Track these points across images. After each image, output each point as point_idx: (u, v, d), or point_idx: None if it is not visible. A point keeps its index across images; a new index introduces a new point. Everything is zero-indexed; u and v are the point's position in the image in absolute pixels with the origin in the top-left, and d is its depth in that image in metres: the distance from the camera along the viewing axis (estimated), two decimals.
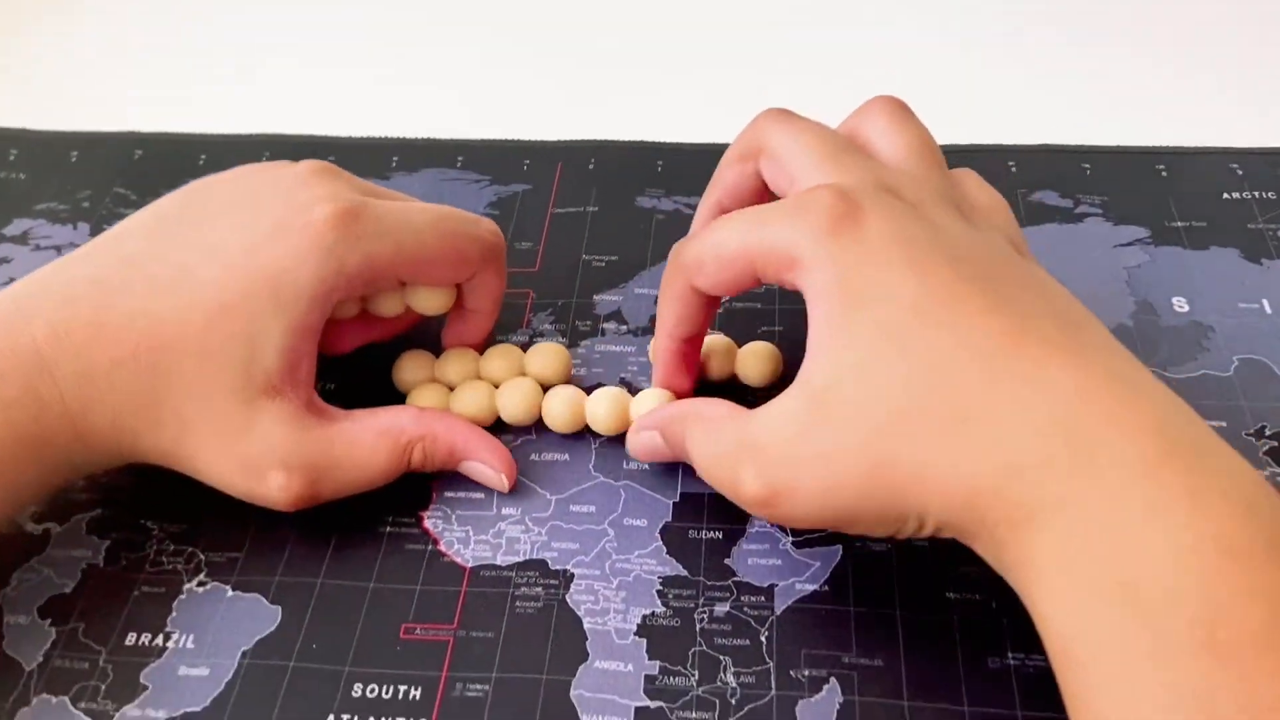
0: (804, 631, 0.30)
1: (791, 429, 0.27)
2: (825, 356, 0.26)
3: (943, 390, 0.25)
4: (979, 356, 0.25)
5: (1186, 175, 0.43)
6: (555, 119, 0.48)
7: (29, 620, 0.31)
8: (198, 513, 0.33)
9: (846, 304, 0.26)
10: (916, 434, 0.25)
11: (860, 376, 0.26)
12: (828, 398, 0.26)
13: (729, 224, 0.30)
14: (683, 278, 0.31)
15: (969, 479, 0.24)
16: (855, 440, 0.25)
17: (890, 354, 0.25)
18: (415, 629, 0.30)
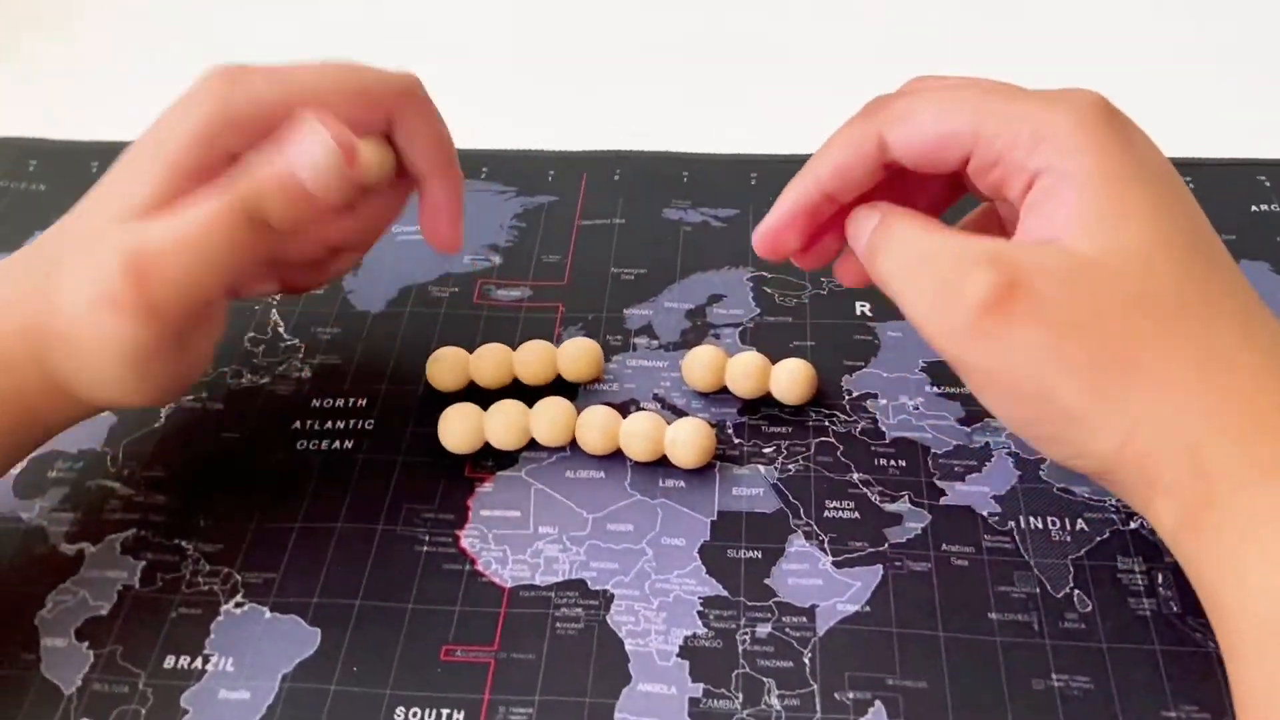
0: (847, 653, 0.30)
1: (1053, 266, 0.25)
2: (1096, 231, 0.25)
3: (1202, 334, 0.24)
4: (1234, 315, 0.25)
5: (1214, 188, 0.43)
6: (579, 130, 0.48)
7: (66, 643, 0.31)
8: (233, 534, 0.33)
9: (1119, 200, 0.25)
10: (1163, 380, 0.24)
11: (1131, 280, 0.24)
12: (1092, 263, 0.25)
13: (956, 89, 0.28)
14: (874, 126, 0.28)
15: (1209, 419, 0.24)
16: (1106, 340, 0.24)
17: (1163, 280, 0.24)
18: (456, 650, 0.30)
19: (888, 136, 0.28)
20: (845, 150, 0.29)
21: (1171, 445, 0.24)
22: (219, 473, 0.35)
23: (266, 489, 0.34)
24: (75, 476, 0.35)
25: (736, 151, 0.46)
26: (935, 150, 0.27)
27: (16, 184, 0.46)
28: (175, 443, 0.36)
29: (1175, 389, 0.24)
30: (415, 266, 0.42)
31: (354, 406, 0.37)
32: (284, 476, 0.35)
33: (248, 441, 0.36)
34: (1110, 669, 0.29)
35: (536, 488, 0.34)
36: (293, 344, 0.39)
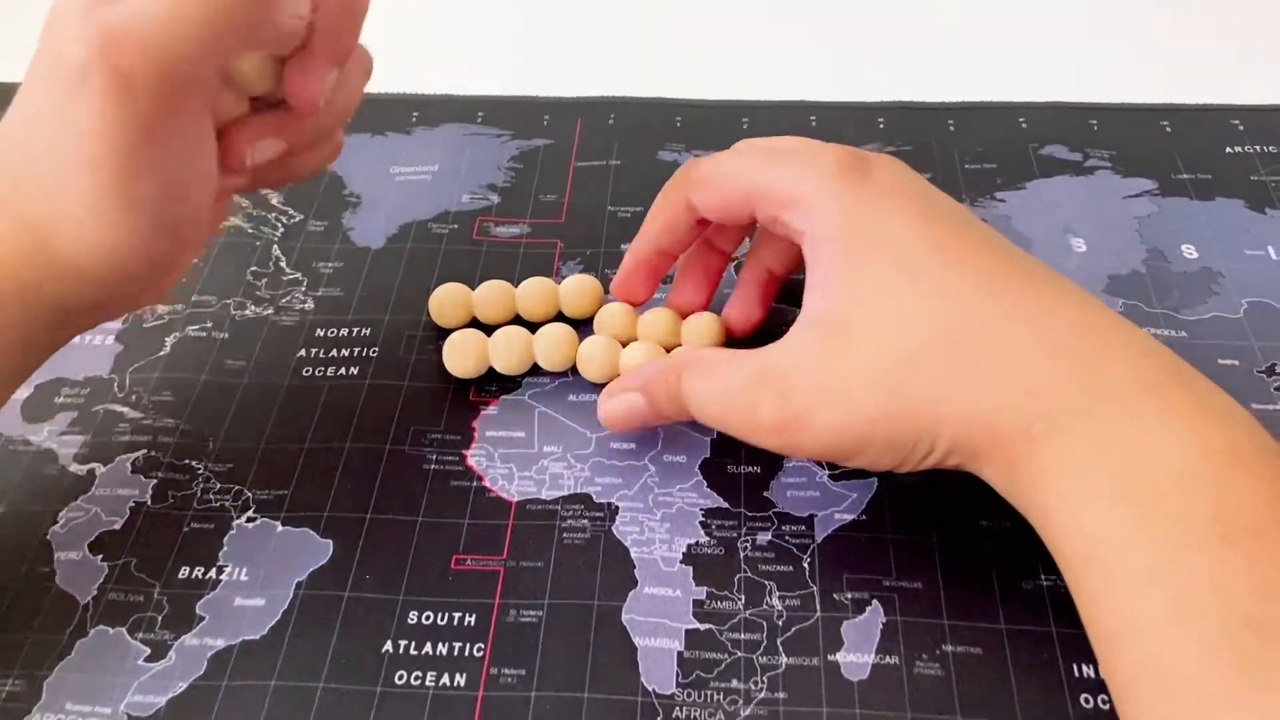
0: (844, 557, 0.31)
1: (812, 358, 0.28)
2: (839, 291, 0.28)
3: (959, 323, 0.26)
4: (988, 293, 0.27)
5: (1191, 131, 0.44)
6: (572, 77, 0.49)
7: (80, 556, 0.31)
8: (242, 454, 0.34)
9: (857, 243, 0.28)
10: (936, 363, 0.26)
11: (878, 309, 0.27)
12: (847, 329, 0.28)
13: (741, 156, 0.32)
14: (682, 191, 0.32)
15: (989, 399, 0.26)
16: (877, 370, 0.27)
17: (905, 288, 0.27)
18: (466, 560, 0.31)
19: (692, 199, 0.32)
20: (664, 212, 0.34)
21: (959, 427, 0.26)
22: (226, 397, 0.36)
23: (274, 412, 0.35)
24: (82, 402, 0.35)
25: (728, 98, 0.47)
26: (726, 210, 0.32)
27: None
28: (181, 369, 0.36)
29: (940, 382, 0.26)
30: (414, 204, 0.42)
31: (357, 336, 0.37)
32: (291, 401, 0.35)
33: (254, 368, 0.36)
34: None
35: (540, 410, 0.35)
36: (295, 277, 0.40)
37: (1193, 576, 0.22)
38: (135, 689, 0.28)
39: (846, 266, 0.28)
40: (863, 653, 0.29)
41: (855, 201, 0.28)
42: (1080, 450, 0.25)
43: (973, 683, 0.28)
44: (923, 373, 0.26)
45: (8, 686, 0.29)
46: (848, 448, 0.28)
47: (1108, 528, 0.24)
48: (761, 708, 0.28)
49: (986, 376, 0.26)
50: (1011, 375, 0.26)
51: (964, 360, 0.26)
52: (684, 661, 0.29)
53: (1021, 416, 0.25)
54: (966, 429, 0.26)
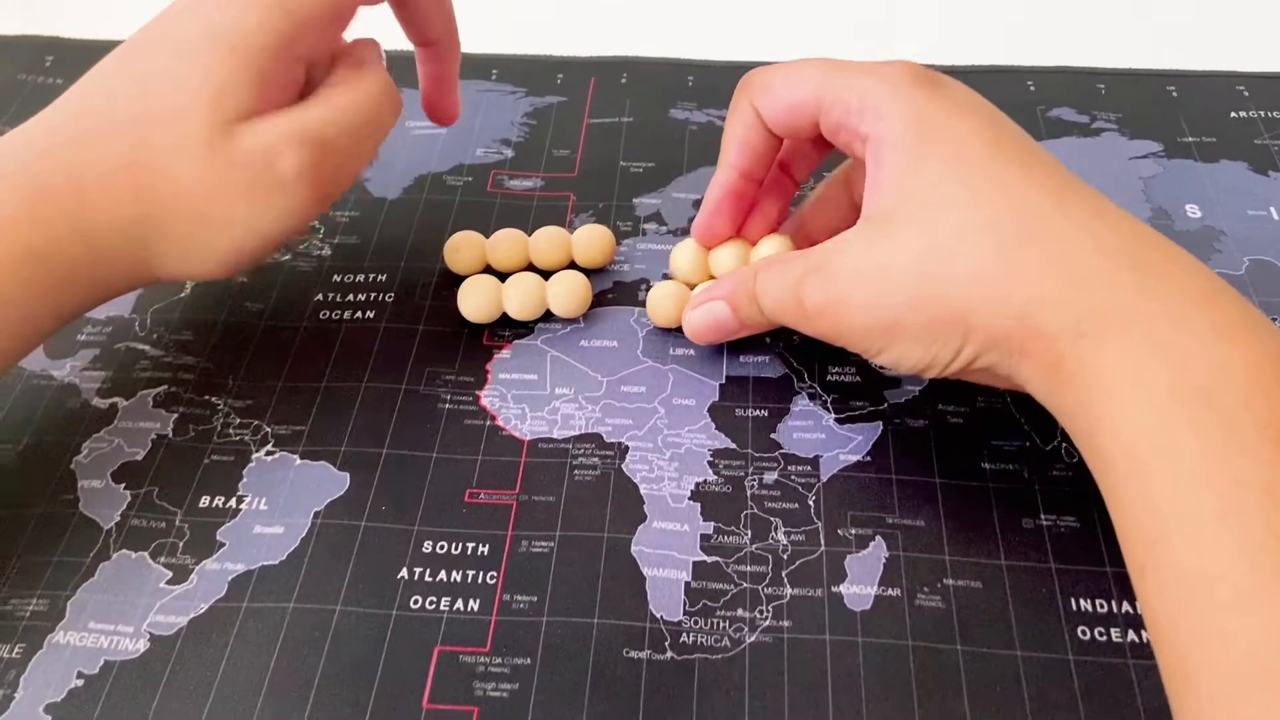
0: (849, 496, 0.32)
1: (856, 247, 0.29)
2: (893, 189, 0.28)
3: (1006, 212, 0.26)
4: (1046, 192, 0.27)
5: (1196, 96, 0.45)
6: (586, 37, 0.49)
7: (103, 484, 0.32)
8: (262, 392, 0.35)
9: (920, 142, 0.28)
10: (975, 249, 0.26)
11: (927, 199, 0.27)
12: (892, 219, 0.28)
13: (806, 64, 0.31)
14: (747, 97, 0.32)
15: (1030, 290, 0.26)
16: (914, 252, 0.27)
17: (957, 181, 0.27)
18: (479, 494, 0.32)
19: (757, 104, 0.32)
20: (735, 128, 0.33)
21: (1005, 318, 0.26)
22: (245, 337, 0.36)
23: (292, 352, 0.36)
24: (104, 340, 0.36)
25: (739, 59, 0.48)
26: (790, 117, 0.32)
27: (34, 78, 0.47)
28: (201, 311, 0.37)
29: (988, 276, 0.26)
30: (429, 157, 0.43)
31: (374, 281, 0.38)
32: (308, 341, 0.36)
33: (272, 311, 0.37)
34: (1096, 512, 0.31)
35: (552, 354, 0.36)
36: (312, 225, 0.40)
37: (1240, 480, 0.22)
38: (157, 609, 0.29)
39: (906, 166, 0.28)
40: (865, 585, 0.29)
41: (924, 106, 0.28)
42: (1132, 351, 0.24)
43: (972, 614, 0.29)
44: (961, 259, 0.26)
45: (31, 605, 0.29)
46: (882, 333, 0.28)
47: (1157, 428, 0.24)
48: (766, 635, 0.29)
49: (1030, 267, 0.26)
50: (1057, 267, 0.26)
51: (1007, 249, 0.26)
52: (691, 591, 0.30)
53: (1067, 313, 0.25)
54: (1003, 321, 0.26)
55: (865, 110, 0.29)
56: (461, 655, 0.28)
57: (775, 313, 0.31)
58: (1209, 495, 0.22)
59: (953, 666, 0.28)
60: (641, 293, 0.38)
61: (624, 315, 0.37)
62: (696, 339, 0.34)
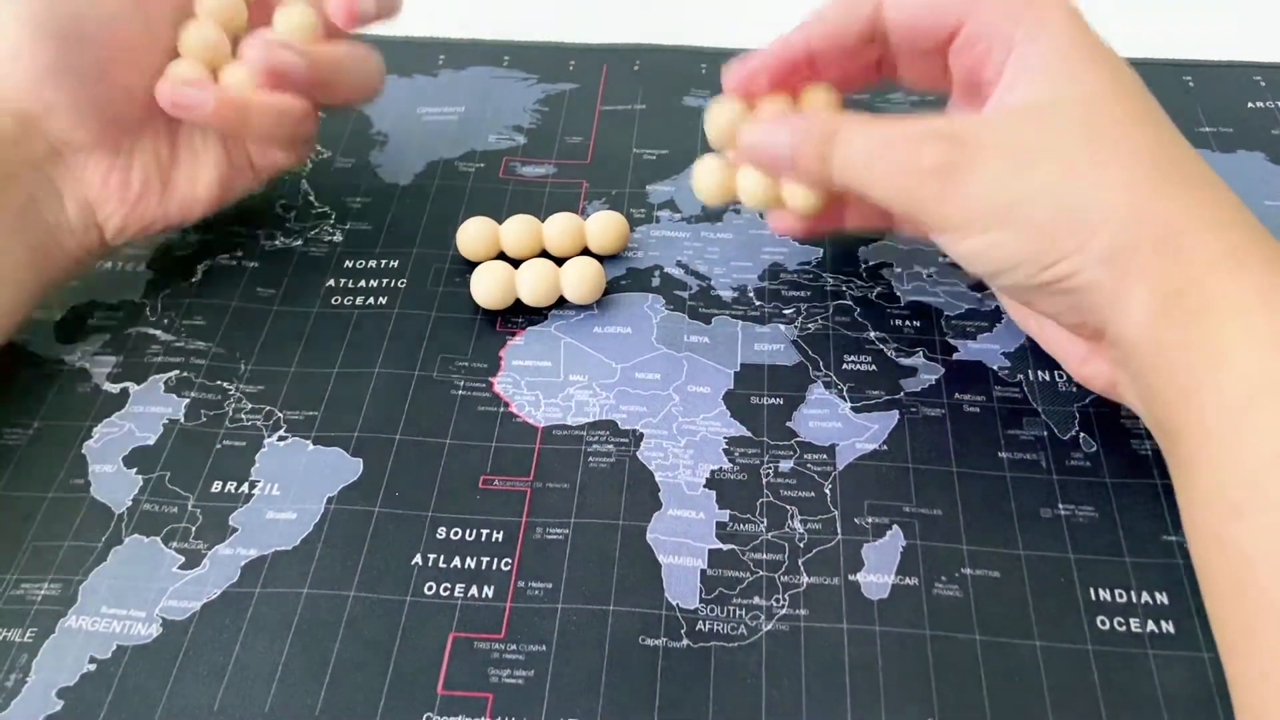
0: (866, 485, 0.31)
1: (998, 123, 0.28)
2: (1046, 83, 0.28)
3: (1164, 142, 0.27)
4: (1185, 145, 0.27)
5: (1213, 86, 0.45)
6: (598, 24, 0.49)
7: (115, 469, 0.32)
8: (273, 377, 0.34)
9: (1077, 52, 0.28)
10: (1136, 159, 0.26)
11: (1086, 101, 0.27)
12: (1044, 112, 0.27)
13: None
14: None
15: (1184, 208, 0.26)
16: (1068, 142, 0.27)
17: (1117, 96, 0.27)
18: (494, 480, 0.32)
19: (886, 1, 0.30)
20: (842, 11, 0.31)
21: (1144, 231, 0.25)
22: (257, 322, 0.36)
23: (304, 338, 0.36)
24: (115, 324, 0.36)
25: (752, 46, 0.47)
26: (929, 16, 0.30)
27: None
28: (212, 295, 0.37)
29: (1139, 186, 0.26)
30: (440, 144, 0.43)
31: (386, 267, 0.38)
32: (320, 327, 0.36)
33: (284, 296, 0.37)
34: (1114, 500, 0.31)
35: (566, 341, 0.36)
36: (323, 211, 0.40)
37: None
38: (170, 594, 0.29)
39: (1060, 69, 0.28)
40: (883, 574, 0.29)
41: (1077, 21, 0.29)
42: (1268, 284, 0.24)
43: (991, 604, 0.29)
44: (1116, 164, 0.26)
45: (43, 589, 0.29)
46: (993, 215, 0.27)
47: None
48: (783, 623, 0.28)
49: (1183, 193, 0.26)
50: (1210, 203, 0.26)
51: (1163, 169, 0.26)
52: (707, 579, 0.29)
53: (1216, 244, 0.25)
54: (1141, 233, 0.25)
55: (1016, 18, 0.28)
56: (476, 642, 0.28)
57: (861, 167, 0.29)
58: None
59: (971, 657, 0.28)
60: (655, 278, 0.37)
61: (639, 302, 0.37)
62: (744, 153, 0.32)
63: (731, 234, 0.39)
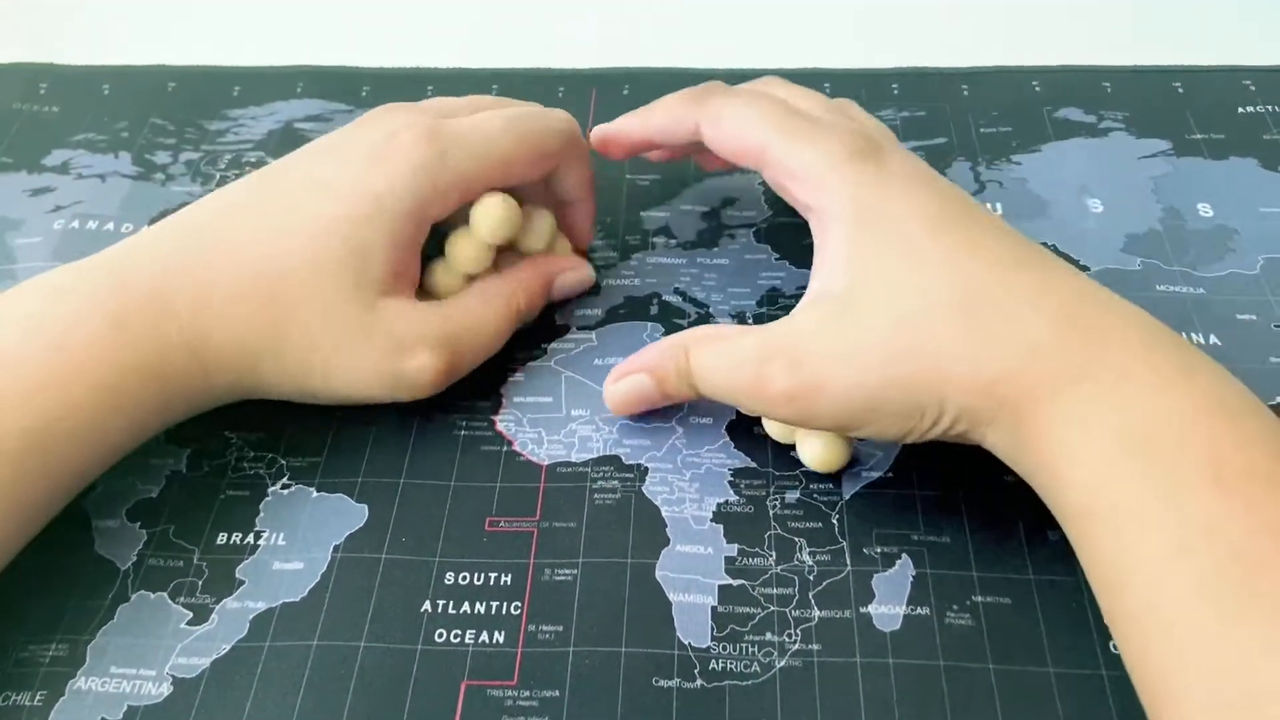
0: (873, 514, 0.31)
1: (818, 329, 0.29)
2: (844, 266, 0.29)
3: (962, 289, 0.27)
4: (992, 265, 0.28)
5: (1202, 92, 0.45)
6: (585, 49, 0.49)
7: (118, 524, 0.32)
8: (275, 422, 0.34)
9: (865, 221, 0.29)
10: (939, 326, 0.27)
11: (883, 279, 0.28)
12: (855, 301, 0.29)
13: (760, 107, 0.32)
14: (694, 114, 0.33)
15: (991, 362, 0.27)
16: (881, 335, 0.28)
17: (909, 260, 0.28)
18: (499, 521, 0.32)
19: (701, 129, 0.33)
20: (669, 120, 0.34)
21: (976, 390, 0.27)
22: None
23: None
24: None
25: (742, 66, 0.47)
26: (733, 157, 0.33)
27: (29, 106, 0.47)
28: None
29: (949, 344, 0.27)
30: None
31: None
32: None
33: None
34: None
35: (566, 375, 0.35)
36: None
37: (1187, 520, 0.23)
38: (179, 651, 0.29)
39: (853, 245, 0.29)
40: (894, 604, 0.29)
41: (863, 185, 0.30)
42: (1080, 407, 0.26)
43: (1003, 631, 0.29)
44: (931, 335, 0.27)
45: (51, 651, 0.29)
46: (859, 414, 0.28)
47: (1107, 478, 0.25)
48: (796, 659, 0.28)
49: (991, 339, 0.27)
50: (1015, 339, 0.27)
51: (969, 324, 0.27)
52: (718, 616, 0.29)
53: (1026, 378, 0.26)
54: (973, 392, 0.27)
55: (807, 181, 0.30)
56: (489, 689, 0.28)
57: (722, 392, 0.31)
58: (1159, 538, 0.24)
59: (985, 686, 0.28)
60: (654, 306, 0.37)
61: (637, 330, 0.37)
62: (618, 413, 0.34)
63: (728, 259, 0.39)
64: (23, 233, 0.41)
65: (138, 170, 0.43)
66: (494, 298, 0.34)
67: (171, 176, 0.43)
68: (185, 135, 0.45)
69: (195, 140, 0.45)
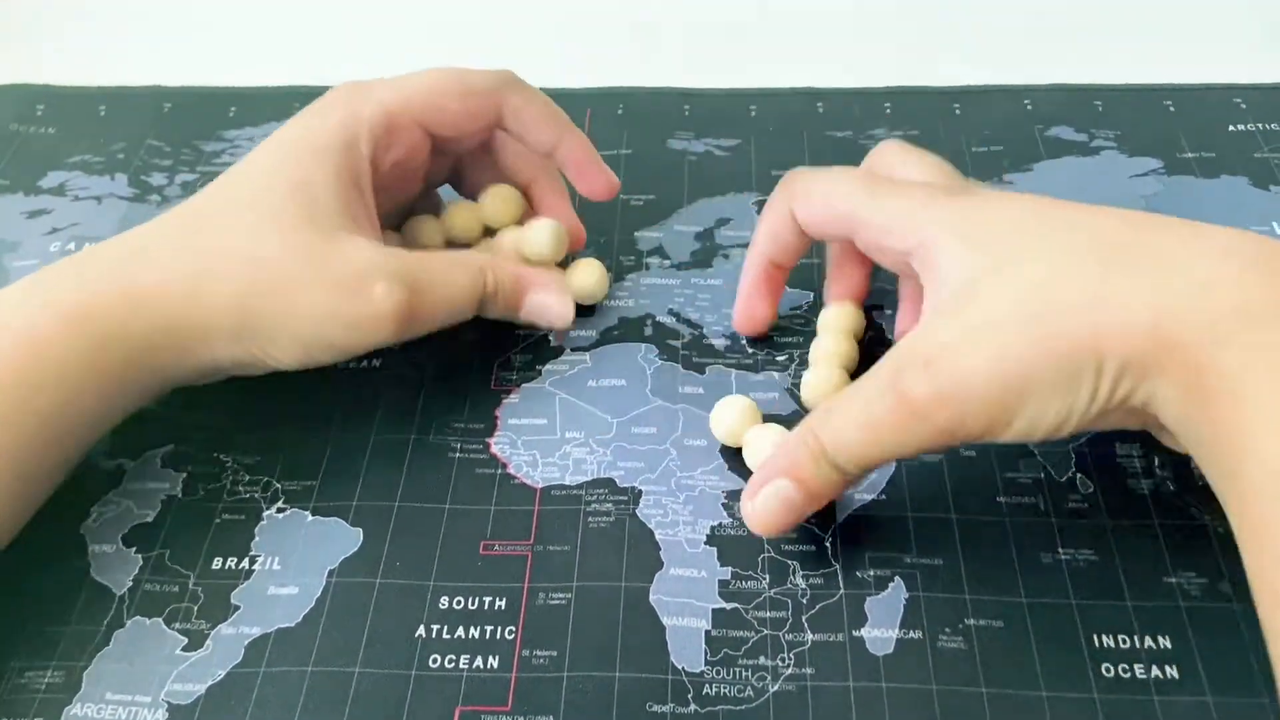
0: (866, 536, 0.31)
1: (943, 324, 0.27)
2: (957, 271, 0.27)
3: (1101, 239, 0.25)
4: (1122, 219, 0.26)
5: (1193, 110, 0.45)
6: (580, 68, 0.49)
7: (114, 549, 0.32)
8: (269, 447, 0.34)
9: (971, 236, 0.28)
10: (1076, 279, 0.25)
11: (1003, 258, 0.26)
12: (974, 287, 0.26)
13: (846, 179, 0.32)
14: (785, 198, 0.33)
15: (1153, 298, 0.24)
16: (1012, 304, 0.25)
17: (1028, 234, 0.27)
18: (494, 545, 0.32)
19: (794, 209, 0.33)
20: (772, 222, 0.34)
21: (1137, 334, 0.24)
22: (249, 392, 0.36)
23: (297, 406, 0.35)
24: None
25: (735, 86, 0.48)
26: (826, 228, 0.33)
27: (25, 128, 0.47)
28: None
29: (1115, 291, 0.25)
30: None
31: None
32: (313, 394, 0.36)
33: None
34: (1113, 543, 0.31)
35: (561, 397, 0.36)
36: None
37: None
38: (174, 678, 0.29)
39: (962, 253, 0.27)
40: (887, 628, 0.29)
41: (959, 211, 0.28)
42: (1273, 354, 0.22)
43: (996, 655, 0.29)
44: (1069, 286, 0.25)
45: (46, 677, 0.29)
46: (1012, 399, 0.25)
47: None
48: (789, 683, 0.28)
49: (1146, 276, 0.24)
50: (1174, 275, 0.24)
51: (1114, 268, 0.24)
52: (711, 640, 0.29)
53: (1201, 316, 0.23)
54: (1135, 338, 0.24)
55: (899, 227, 0.30)
56: (484, 715, 0.28)
57: (868, 443, 0.27)
58: None
59: (978, 710, 0.28)
60: (648, 327, 0.37)
61: (632, 352, 0.37)
62: (767, 532, 0.30)
63: (721, 280, 0.39)
64: (19, 255, 0.41)
65: (134, 192, 0.44)
66: (466, 263, 0.34)
67: (167, 199, 0.43)
68: (181, 156, 0.45)
69: (191, 161, 0.45)
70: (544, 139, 0.36)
